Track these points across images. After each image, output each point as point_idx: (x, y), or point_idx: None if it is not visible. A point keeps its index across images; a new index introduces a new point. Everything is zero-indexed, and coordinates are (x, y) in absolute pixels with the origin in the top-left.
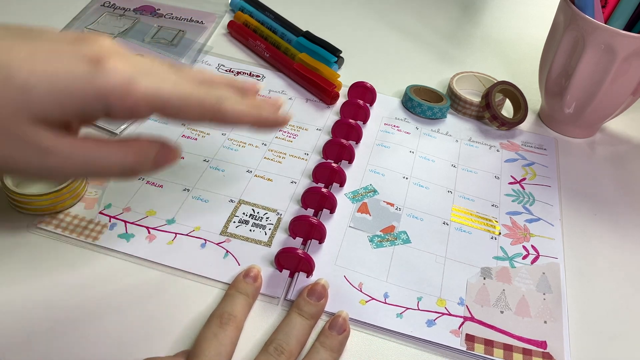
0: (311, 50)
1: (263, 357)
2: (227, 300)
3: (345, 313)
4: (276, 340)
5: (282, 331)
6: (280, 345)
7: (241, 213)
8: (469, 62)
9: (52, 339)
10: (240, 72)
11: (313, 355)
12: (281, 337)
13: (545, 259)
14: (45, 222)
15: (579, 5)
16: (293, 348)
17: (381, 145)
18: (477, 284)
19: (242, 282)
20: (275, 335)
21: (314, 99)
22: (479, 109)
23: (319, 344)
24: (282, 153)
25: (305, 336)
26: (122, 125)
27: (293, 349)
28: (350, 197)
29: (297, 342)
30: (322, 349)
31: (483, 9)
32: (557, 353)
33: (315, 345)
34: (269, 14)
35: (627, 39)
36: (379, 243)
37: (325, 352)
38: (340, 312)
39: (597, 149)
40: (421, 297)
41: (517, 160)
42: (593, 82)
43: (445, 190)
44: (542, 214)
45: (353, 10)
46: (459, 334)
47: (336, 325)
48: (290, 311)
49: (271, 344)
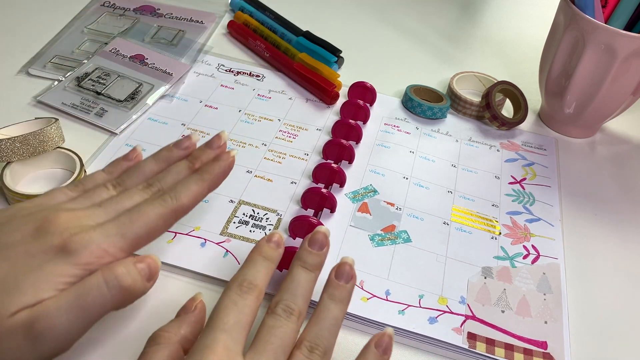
0: (311, 50)
1: (272, 320)
2: (250, 266)
3: (351, 259)
4: (283, 301)
5: (287, 290)
6: (288, 306)
7: (241, 213)
8: (469, 62)
9: None
10: (240, 72)
11: (324, 314)
12: (288, 297)
13: (546, 259)
14: None
15: (579, 5)
16: (301, 307)
17: (381, 145)
18: (478, 283)
19: (265, 246)
20: (281, 295)
21: (314, 99)
22: (479, 109)
23: (328, 298)
24: (282, 153)
25: (310, 290)
26: (122, 125)
27: (302, 308)
28: (351, 197)
29: (304, 300)
30: (332, 304)
31: (483, 9)
32: (558, 353)
33: (324, 299)
34: (269, 14)
35: (627, 39)
36: (379, 242)
37: (335, 306)
38: (345, 259)
39: (597, 149)
40: (423, 294)
41: (517, 160)
42: (593, 82)
43: (445, 190)
44: (543, 214)
45: (353, 10)
46: (460, 332)
47: (343, 273)
48: (293, 265)
49: (278, 305)
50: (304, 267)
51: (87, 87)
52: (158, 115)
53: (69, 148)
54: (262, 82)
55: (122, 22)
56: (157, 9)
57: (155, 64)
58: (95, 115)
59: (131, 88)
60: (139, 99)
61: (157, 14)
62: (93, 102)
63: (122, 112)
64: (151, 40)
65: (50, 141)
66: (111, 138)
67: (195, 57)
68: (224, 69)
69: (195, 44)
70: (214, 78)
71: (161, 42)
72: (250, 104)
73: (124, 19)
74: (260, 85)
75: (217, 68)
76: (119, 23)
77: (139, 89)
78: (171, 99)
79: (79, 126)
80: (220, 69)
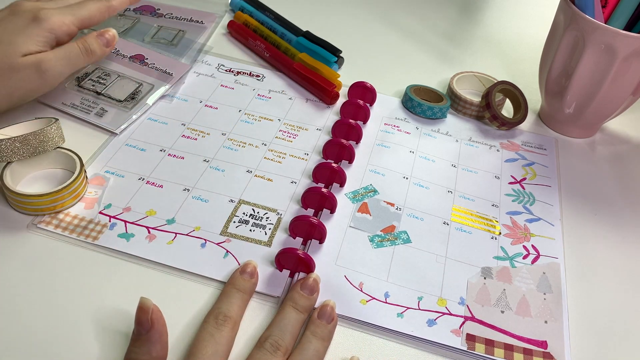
0: (311, 50)
1: (259, 353)
2: (224, 299)
3: (333, 302)
4: (272, 336)
5: (277, 326)
6: (276, 342)
7: (241, 213)
8: (469, 62)
9: (52, 338)
10: (240, 72)
11: (306, 345)
12: (276, 333)
13: (546, 258)
14: (45, 222)
15: (579, 5)
16: (288, 343)
17: (381, 145)
18: (477, 283)
19: (239, 278)
20: (270, 331)
21: (314, 99)
22: (479, 109)
23: (311, 334)
24: (282, 153)
25: (298, 330)
26: (122, 125)
27: (288, 344)
28: (351, 197)
29: (292, 337)
30: (314, 339)
31: (483, 9)
32: (558, 353)
33: (306, 335)
34: (269, 14)
35: (627, 39)
36: (379, 243)
37: (317, 341)
38: (327, 302)
39: (597, 149)
40: (422, 296)
41: (517, 160)
42: (593, 82)
43: (445, 190)
44: (543, 213)
45: (353, 10)
46: (459, 334)
47: (325, 314)
48: (285, 304)
49: (267, 340)
50: (295, 307)
51: (87, 87)
52: (158, 115)
53: (69, 148)
54: (262, 82)
55: (122, 22)
56: (157, 9)
57: (156, 64)
58: (95, 115)
59: (131, 88)
60: (139, 99)
61: (157, 14)
62: (93, 102)
63: (122, 112)
64: (151, 40)
65: (50, 141)
66: (111, 138)
67: (195, 57)
68: (224, 69)
69: (195, 44)
70: (214, 78)
71: (161, 42)
72: (250, 104)
73: (124, 19)
74: (260, 85)
75: (217, 68)
76: (119, 23)
77: (139, 89)
78: (171, 99)
79: (79, 126)
80: (220, 69)
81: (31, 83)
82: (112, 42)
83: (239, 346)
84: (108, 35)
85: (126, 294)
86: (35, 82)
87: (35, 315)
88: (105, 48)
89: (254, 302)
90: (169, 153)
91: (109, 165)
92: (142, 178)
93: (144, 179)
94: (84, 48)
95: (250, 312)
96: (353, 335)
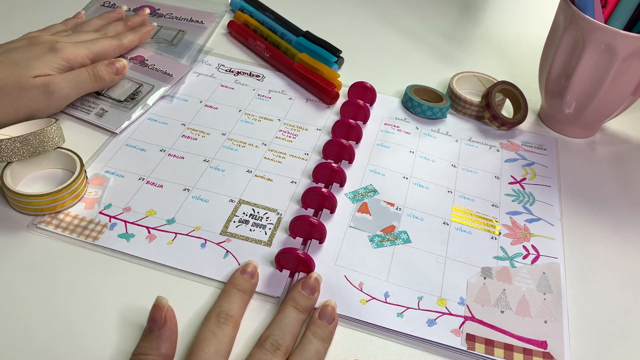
0: (311, 50)
1: (259, 352)
2: (224, 298)
3: (334, 302)
4: (272, 336)
5: (277, 326)
6: (276, 341)
7: (241, 213)
8: (469, 62)
9: (52, 338)
10: (240, 72)
11: (307, 346)
12: (277, 333)
13: (546, 258)
14: (45, 222)
15: (579, 5)
16: (288, 343)
17: (381, 145)
18: (477, 283)
19: (239, 278)
20: (270, 330)
21: (314, 99)
22: (479, 109)
23: (311, 334)
24: (282, 153)
25: (298, 330)
26: (122, 125)
27: (288, 344)
28: (351, 197)
29: (292, 337)
30: (314, 339)
31: (483, 9)
32: (558, 353)
33: (307, 336)
34: (269, 14)
35: (627, 39)
36: (379, 243)
37: (317, 342)
38: (328, 302)
39: (597, 149)
40: (422, 296)
41: (517, 160)
42: (593, 82)
43: (445, 190)
44: (542, 213)
45: (353, 10)
46: (459, 334)
47: (326, 314)
48: (285, 304)
49: (267, 340)
50: (296, 307)
51: None
52: (158, 115)
53: (69, 148)
54: (262, 82)
55: None
56: (157, 9)
57: (156, 65)
58: (95, 115)
59: (131, 88)
60: (139, 99)
61: (157, 14)
62: (93, 102)
63: (122, 112)
64: (151, 40)
65: (50, 141)
66: (111, 138)
67: (195, 57)
68: (224, 69)
69: (195, 44)
70: (214, 78)
71: (161, 43)
72: (250, 104)
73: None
74: (260, 85)
75: (217, 68)
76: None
77: (139, 89)
78: (171, 99)
79: (79, 126)
80: (220, 69)
81: (39, 103)
82: (122, 71)
83: (239, 346)
84: (118, 64)
85: (126, 294)
86: (43, 102)
87: (35, 315)
88: (114, 76)
89: (254, 302)
90: (169, 153)
91: (109, 166)
92: (142, 178)
93: (144, 179)
94: (92, 74)
95: (251, 312)
96: (353, 335)
